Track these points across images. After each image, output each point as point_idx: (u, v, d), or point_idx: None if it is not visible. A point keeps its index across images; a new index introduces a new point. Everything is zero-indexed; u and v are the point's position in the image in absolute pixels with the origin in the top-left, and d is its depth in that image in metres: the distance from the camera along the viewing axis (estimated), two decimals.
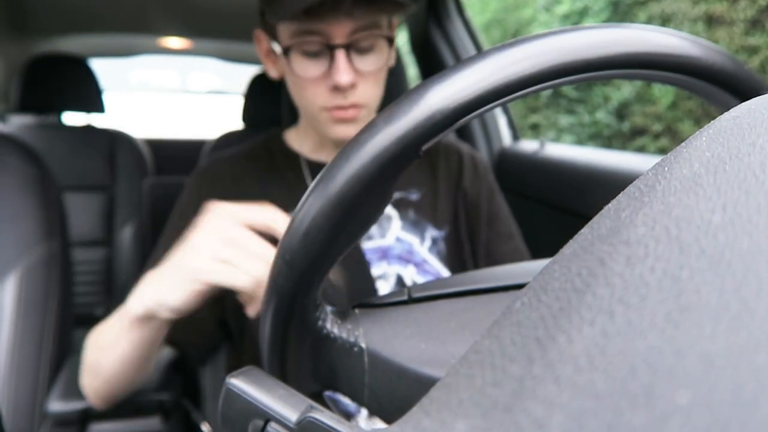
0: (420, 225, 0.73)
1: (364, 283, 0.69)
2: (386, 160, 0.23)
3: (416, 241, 0.72)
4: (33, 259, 0.82)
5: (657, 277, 0.13)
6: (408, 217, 0.73)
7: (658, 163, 0.18)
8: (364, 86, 0.64)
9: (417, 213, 0.73)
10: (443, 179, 0.76)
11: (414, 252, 0.71)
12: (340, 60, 0.61)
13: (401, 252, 0.71)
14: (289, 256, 0.25)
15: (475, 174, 0.78)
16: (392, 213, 0.73)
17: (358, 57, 0.63)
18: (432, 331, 0.29)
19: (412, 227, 0.72)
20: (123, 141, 1.55)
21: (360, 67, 0.63)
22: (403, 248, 0.71)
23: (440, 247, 0.73)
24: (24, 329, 0.80)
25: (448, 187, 0.76)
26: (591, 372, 0.12)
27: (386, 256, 0.70)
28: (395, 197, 0.73)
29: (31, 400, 0.79)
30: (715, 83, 0.27)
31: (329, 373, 0.30)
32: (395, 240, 0.71)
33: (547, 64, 0.23)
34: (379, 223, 0.72)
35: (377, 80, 0.66)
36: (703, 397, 0.10)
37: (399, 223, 0.72)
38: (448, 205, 0.75)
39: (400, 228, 0.72)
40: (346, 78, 0.61)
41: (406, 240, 0.72)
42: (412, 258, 0.71)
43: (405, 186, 0.75)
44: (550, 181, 1.10)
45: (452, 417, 0.13)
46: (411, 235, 0.72)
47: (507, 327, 0.15)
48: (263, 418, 0.24)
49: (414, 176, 0.76)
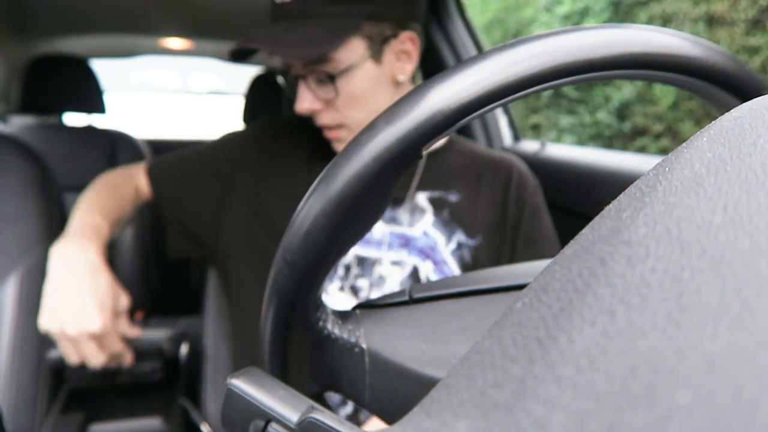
0: (450, 226, 0.73)
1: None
2: (387, 160, 0.23)
3: (442, 240, 0.72)
4: (34, 260, 0.82)
5: (658, 277, 0.13)
6: (442, 215, 0.73)
7: (659, 163, 0.18)
8: (332, 111, 0.68)
9: (452, 214, 0.73)
10: (486, 190, 0.76)
11: (437, 250, 0.71)
12: (300, 89, 0.67)
13: (424, 246, 0.71)
14: (290, 256, 0.25)
15: (522, 192, 0.77)
16: (427, 207, 0.73)
17: (318, 86, 0.67)
18: (433, 331, 0.29)
19: (442, 226, 0.73)
20: (124, 141, 1.55)
21: (321, 95, 0.67)
22: (427, 243, 0.71)
23: (464, 253, 0.72)
24: (25, 330, 0.80)
25: (490, 199, 0.75)
26: (592, 372, 0.12)
27: (408, 245, 0.71)
28: (434, 195, 0.74)
29: (32, 400, 0.79)
30: (716, 84, 0.27)
31: (330, 374, 0.30)
32: (422, 233, 0.72)
33: (548, 65, 0.23)
34: (411, 212, 0.73)
35: (352, 102, 0.67)
36: (704, 397, 0.10)
37: (431, 219, 0.73)
38: (486, 216, 0.74)
39: (431, 224, 0.72)
40: (301, 105, 0.67)
41: (432, 236, 0.72)
42: (433, 255, 0.71)
43: (446, 187, 0.75)
44: (551, 181, 1.09)
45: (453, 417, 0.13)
46: (439, 233, 0.72)
47: (508, 327, 0.15)
48: (264, 418, 0.24)
49: (457, 180, 0.76)
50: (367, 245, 0.71)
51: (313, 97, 0.66)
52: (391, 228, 0.72)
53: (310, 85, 0.66)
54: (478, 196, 0.75)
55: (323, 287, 0.27)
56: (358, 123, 0.69)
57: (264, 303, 0.27)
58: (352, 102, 0.67)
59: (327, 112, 0.67)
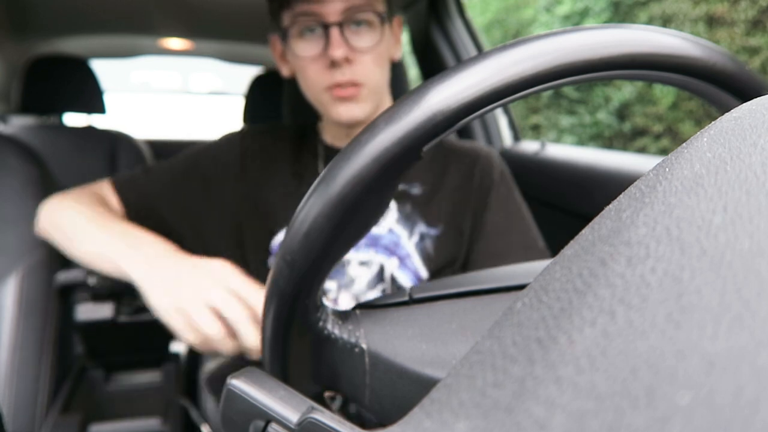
0: (412, 219, 0.73)
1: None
2: (387, 160, 0.23)
3: (405, 235, 0.73)
4: (34, 260, 0.83)
5: (658, 277, 0.13)
6: (404, 210, 0.74)
7: (659, 163, 0.18)
8: (361, 64, 0.67)
9: (413, 207, 0.74)
10: (451, 180, 0.76)
11: (400, 245, 0.72)
12: (333, 36, 0.65)
13: (389, 243, 0.72)
14: (290, 257, 0.25)
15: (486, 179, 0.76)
16: (391, 204, 0.74)
17: (352, 34, 0.67)
18: (433, 331, 0.29)
19: (404, 220, 0.73)
20: (124, 142, 1.55)
21: (355, 44, 0.67)
22: (391, 240, 0.72)
23: (427, 244, 0.73)
24: (25, 330, 0.80)
25: (453, 188, 0.76)
26: (592, 373, 0.12)
27: (375, 244, 0.72)
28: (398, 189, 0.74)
29: (32, 400, 0.79)
30: (716, 84, 0.27)
31: (330, 374, 0.30)
32: (387, 231, 0.72)
33: (549, 65, 0.23)
34: None
35: (375, 59, 0.69)
36: (704, 397, 0.10)
37: (395, 215, 0.73)
38: (447, 205, 0.75)
39: (395, 220, 0.73)
40: (339, 52, 0.65)
41: (396, 232, 0.73)
42: (397, 251, 0.72)
43: (410, 179, 0.76)
44: (551, 181, 1.10)
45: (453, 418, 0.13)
46: (402, 228, 0.73)
47: (508, 328, 0.15)
48: (264, 418, 0.24)
49: (421, 172, 0.76)
50: None
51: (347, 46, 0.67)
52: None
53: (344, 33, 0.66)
54: (441, 186, 0.76)
55: (323, 287, 0.27)
56: (375, 85, 0.70)
57: (264, 303, 0.27)
58: (378, 57, 0.69)
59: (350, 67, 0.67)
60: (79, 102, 1.48)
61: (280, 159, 0.78)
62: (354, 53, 0.66)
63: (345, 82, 0.67)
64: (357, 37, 0.67)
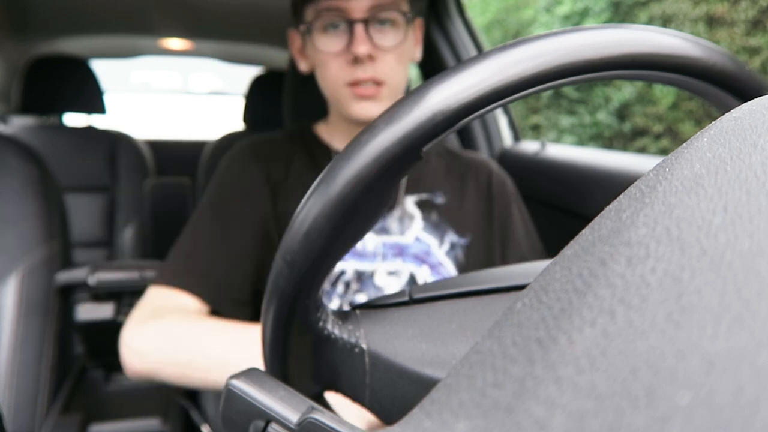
0: (441, 228, 0.73)
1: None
2: (387, 160, 0.23)
3: (435, 243, 0.72)
4: (34, 260, 0.83)
5: (658, 277, 0.13)
6: (431, 218, 0.74)
7: (659, 163, 0.18)
8: (384, 62, 0.67)
9: (440, 216, 0.74)
10: (471, 190, 0.77)
11: (431, 253, 0.72)
12: (358, 32, 0.65)
13: (418, 252, 0.72)
14: (290, 257, 0.25)
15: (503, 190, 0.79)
16: (415, 213, 0.74)
17: (376, 32, 0.67)
18: (433, 332, 0.29)
19: (433, 229, 0.73)
20: (124, 142, 1.55)
21: (379, 42, 0.67)
22: (420, 248, 0.72)
23: (458, 253, 0.73)
24: (25, 330, 0.80)
25: (475, 198, 0.77)
26: (592, 373, 0.12)
27: (402, 254, 0.71)
28: (421, 198, 0.75)
29: (32, 400, 0.79)
30: (716, 84, 0.27)
31: (330, 374, 0.30)
32: (414, 239, 0.72)
33: (549, 65, 0.23)
34: (401, 220, 0.73)
35: (398, 58, 0.69)
36: (704, 398, 0.10)
37: (421, 224, 0.73)
38: (474, 215, 0.76)
39: (422, 228, 0.73)
40: (363, 48, 0.65)
41: (425, 241, 0.72)
42: (428, 259, 0.71)
43: (431, 188, 0.76)
44: (551, 181, 1.10)
45: (453, 418, 0.13)
46: (431, 237, 0.73)
47: (508, 328, 0.15)
48: (264, 418, 0.24)
49: (442, 181, 0.77)
50: (362, 259, 0.70)
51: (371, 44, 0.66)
52: (383, 239, 0.72)
53: (369, 30, 0.66)
54: (464, 196, 0.77)
55: (323, 287, 0.27)
56: (396, 84, 0.70)
57: (264, 303, 0.27)
58: (401, 56, 0.69)
59: (372, 64, 0.67)
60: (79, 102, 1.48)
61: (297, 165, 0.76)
62: (377, 51, 0.66)
63: (366, 78, 0.67)
64: (381, 35, 0.67)
